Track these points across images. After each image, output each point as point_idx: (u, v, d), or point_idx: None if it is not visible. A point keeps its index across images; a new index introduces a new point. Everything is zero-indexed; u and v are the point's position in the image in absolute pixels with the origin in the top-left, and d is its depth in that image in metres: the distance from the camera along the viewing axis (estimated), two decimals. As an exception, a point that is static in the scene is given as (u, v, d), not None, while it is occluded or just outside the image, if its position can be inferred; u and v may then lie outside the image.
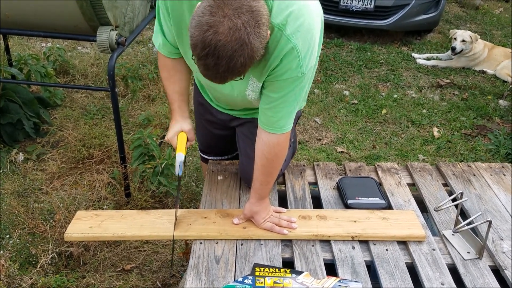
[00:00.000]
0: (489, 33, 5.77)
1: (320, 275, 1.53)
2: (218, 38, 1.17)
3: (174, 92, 1.74)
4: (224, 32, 1.17)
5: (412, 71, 4.68)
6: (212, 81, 1.30)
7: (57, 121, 3.37)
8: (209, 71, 1.25)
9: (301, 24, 1.36)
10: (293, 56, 1.39)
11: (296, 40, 1.37)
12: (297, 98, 1.51)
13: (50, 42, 4.72)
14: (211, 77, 1.29)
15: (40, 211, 2.49)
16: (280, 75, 1.44)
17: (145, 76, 3.86)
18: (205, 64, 1.23)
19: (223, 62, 1.21)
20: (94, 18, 2.29)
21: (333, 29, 5.41)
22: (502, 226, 1.78)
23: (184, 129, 1.74)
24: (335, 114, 3.78)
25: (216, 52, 1.19)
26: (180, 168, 1.64)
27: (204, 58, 1.22)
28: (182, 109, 1.76)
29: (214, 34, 1.17)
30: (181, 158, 1.65)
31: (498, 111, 3.96)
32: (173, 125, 1.75)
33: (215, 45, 1.18)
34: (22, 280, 2.08)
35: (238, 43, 1.18)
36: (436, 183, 2.03)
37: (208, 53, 1.20)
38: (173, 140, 1.72)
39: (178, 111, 1.75)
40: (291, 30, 1.36)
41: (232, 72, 1.24)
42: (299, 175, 2.06)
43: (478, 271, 1.58)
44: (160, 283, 2.19)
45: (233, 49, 1.19)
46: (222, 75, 1.25)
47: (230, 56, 1.19)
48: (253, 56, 1.24)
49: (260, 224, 1.69)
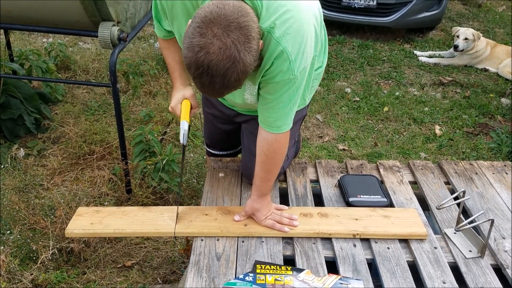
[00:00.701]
0: (492, 31, 5.75)
1: (321, 273, 1.53)
2: (210, 58, 1.21)
3: (174, 60, 1.76)
4: (215, 52, 1.21)
5: (414, 69, 4.67)
6: (211, 97, 1.35)
7: (58, 117, 3.37)
8: (205, 88, 1.29)
9: (290, 26, 1.37)
10: (283, 59, 1.39)
11: (285, 43, 1.37)
12: (292, 99, 1.51)
13: (52, 38, 4.71)
14: (208, 94, 1.34)
15: (41, 207, 2.49)
16: (272, 78, 1.45)
17: (147, 72, 3.85)
18: (201, 83, 1.27)
19: (217, 80, 1.24)
20: (96, 13, 2.28)
21: (335, 26, 5.39)
22: (504, 225, 1.78)
23: (187, 95, 1.74)
24: (336, 112, 3.77)
25: (210, 71, 1.23)
26: (185, 136, 1.62)
27: (199, 77, 1.25)
28: (183, 76, 1.77)
29: (205, 54, 1.21)
30: (185, 126, 1.63)
31: (500, 109, 3.94)
32: (176, 93, 1.75)
33: (208, 65, 1.22)
34: (22, 276, 2.07)
35: (230, 61, 1.22)
36: (438, 181, 2.02)
37: (202, 73, 1.24)
38: (177, 108, 1.72)
39: (179, 79, 1.76)
40: (280, 33, 1.36)
41: (228, 87, 1.28)
42: (301, 172, 2.05)
43: (479, 270, 1.57)
44: (161, 280, 2.19)
45: (225, 67, 1.22)
46: (218, 91, 1.30)
47: (223, 74, 1.23)
48: (246, 71, 1.27)
49: (261, 221, 1.68)
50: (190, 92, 1.75)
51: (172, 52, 1.75)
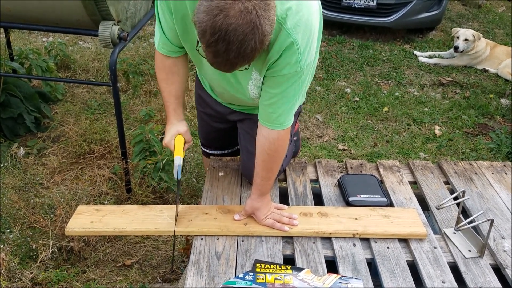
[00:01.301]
0: (492, 31, 5.76)
1: (321, 272, 1.53)
2: (229, 21, 1.14)
3: (170, 94, 1.73)
4: (235, 15, 1.14)
5: (414, 69, 4.67)
6: (220, 69, 1.27)
7: (58, 116, 3.37)
8: (219, 57, 1.22)
9: (301, 19, 1.36)
10: (293, 51, 1.38)
11: (296, 35, 1.36)
12: (296, 93, 1.50)
13: (52, 37, 4.70)
14: (220, 64, 1.26)
15: (41, 205, 2.49)
16: (279, 70, 1.43)
17: (147, 72, 3.85)
18: (215, 51, 1.20)
19: (233, 47, 1.18)
20: (96, 12, 2.28)
21: (335, 26, 5.39)
22: (503, 225, 1.78)
23: (180, 131, 1.73)
24: (336, 112, 3.78)
25: (227, 36, 1.16)
26: (179, 171, 1.63)
27: (214, 44, 1.18)
28: (177, 112, 1.76)
29: (224, 17, 1.14)
30: (179, 161, 1.64)
31: (500, 110, 3.95)
32: (169, 128, 1.74)
33: (226, 30, 1.15)
34: (22, 275, 2.08)
35: (250, 26, 1.16)
36: (438, 181, 2.03)
37: (219, 38, 1.16)
38: (171, 144, 1.72)
39: (174, 114, 1.75)
40: (291, 24, 1.35)
41: (242, 57, 1.21)
42: (301, 172, 2.06)
43: (479, 270, 1.57)
44: (161, 279, 2.19)
45: (245, 32, 1.16)
46: (232, 61, 1.22)
47: (241, 40, 1.17)
48: (263, 41, 1.21)
49: (261, 221, 1.69)
50: (184, 127, 1.75)
51: (169, 84, 1.72)
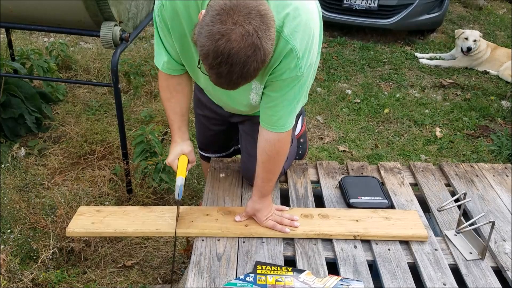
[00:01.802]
0: (492, 33, 5.76)
1: (322, 274, 1.53)
2: (231, 46, 1.17)
3: (174, 113, 1.73)
4: (237, 40, 1.16)
5: (415, 71, 4.67)
6: (223, 88, 1.30)
7: (59, 116, 3.37)
8: (222, 78, 1.24)
9: (298, 24, 1.36)
10: (292, 57, 1.39)
11: (294, 41, 1.37)
12: (296, 96, 1.51)
13: (53, 37, 4.71)
14: (224, 85, 1.28)
15: (42, 206, 2.49)
16: (279, 75, 1.44)
17: (148, 73, 3.86)
18: (218, 73, 1.23)
19: (236, 69, 1.20)
20: (98, 13, 2.29)
21: (336, 28, 5.39)
22: (504, 227, 1.78)
23: (185, 151, 1.73)
24: (337, 113, 3.78)
25: (229, 60, 1.18)
26: (180, 192, 1.63)
27: (217, 67, 1.21)
28: (182, 130, 1.75)
29: (226, 42, 1.17)
30: (181, 182, 1.64)
31: (501, 112, 3.95)
32: (174, 147, 1.74)
33: (228, 53, 1.17)
34: (23, 275, 2.07)
35: (251, 48, 1.18)
36: (439, 183, 2.02)
37: (221, 62, 1.19)
38: (174, 163, 1.72)
39: (178, 133, 1.75)
40: (289, 31, 1.36)
41: (245, 78, 1.24)
42: (302, 173, 2.05)
43: (480, 272, 1.57)
44: (161, 280, 2.19)
45: (247, 55, 1.18)
46: (235, 81, 1.25)
47: (243, 62, 1.19)
48: (265, 60, 1.24)
49: (262, 222, 1.68)
50: (189, 147, 1.75)
51: (173, 103, 1.72)
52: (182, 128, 1.75)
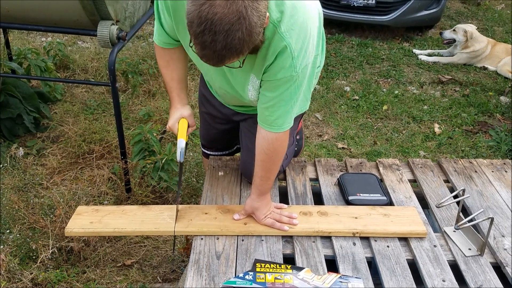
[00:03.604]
0: (491, 29, 5.75)
1: (321, 271, 1.53)
2: (214, 11, 1.14)
3: (172, 79, 1.75)
4: (221, 4, 1.14)
5: (414, 67, 4.67)
6: (209, 63, 1.26)
7: (57, 116, 3.36)
8: (206, 49, 1.21)
9: (295, 22, 1.36)
10: (286, 55, 1.38)
11: (289, 39, 1.36)
12: (293, 97, 1.50)
13: (50, 37, 4.70)
14: (208, 57, 1.24)
15: (41, 206, 2.48)
16: (274, 74, 1.43)
17: (146, 71, 3.85)
18: (202, 42, 1.19)
19: (220, 38, 1.16)
20: (95, 12, 2.28)
21: (334, 25, 5.39)
22: (503, 223, 1.78)
23: (184, 115, 1.75)
24: (336, 110, 3.77)
25: (213, 26, 1.15)
26: (182, 154, 1.64)
27: (200, 35, 1.18)
28: (181, 96, 1.76)
29: (210, 7, 1.14)
30: (182, 144, 1.65)
31: (499, 107, 3.95)
32: (173, 112, 1.76)
33: (212, 19, 1.14)
34: (22, 275, 2.07)
35: (236, 16, 1.15)
36: (438, 180, 2.02)
37: (205, 29, 1.16)
38: (174, 127, 1.73)
39: (177, 99, 1.76)
40: (285, 28, 1.35)
41: (230, 49, 1.20)
42: (300, 171, 2.05)
43: (479, 268, 1.57)
44: (161, 279, 2.19)
45: (230, 22, 1.15)
46: (220, 53, 1.20)
47: (227, 30, 1.15)
48: (251, 32, 1.19)
49: (261, 220, 1.68)
50: (188, 111, 1.76)
51: (170, 70, 1.73)
52: (180, 94, 1.76)
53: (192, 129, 1.79)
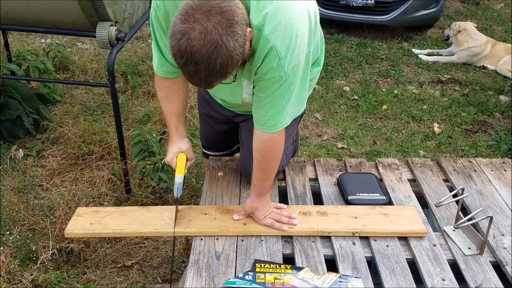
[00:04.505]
0: (490, 28, 5.75)
1: (321, 271, 1.53)
2: (191, 44, 1.19)
3: (171, 113, 1.75)
4: (196, 37, 1.19)
5: (413, 67, 4.67)
6: (200, 88, 1.31)
7: (56, 117, 3.37)
8: (192, 78, 1.27)
9: (279, 23, 1.35)
10: (273, 56, 1.38)
11: (274, 40, 1.36)
12: (284, 97, 1.49)
13: (50, 38, 4.70)
14: (197, 83, 1.30)
15: (40, 207, 2.49)
16: (263, 75, 1.44)
17: (145, 72, 3.85)
18: (187, 72, 1.25)
19: (202, 67, 1.22)
20: (94, 13, 2.28)
21: (334, 25, 5.39)
22: (503, 222, 1.78)
23: (183, 149, 1.75)
24: (335, 110, 3.77)
25: (193, 58, 1.20)
26: (179, 190, 1.64)
27: (184, 66, 1.24)
28: (179, 129, 1.77)
29: (187, 40, 1.19)
30: (179, 179, 1.65)
31: (499, 106, 3.95)
32: (172, 146, 1.76)
33: (191, 51, 1.20)
34: (22, 277, 2.07)
35: (212, 45, 1.19)
36: (437, 179, 2.03)
37: (187, 61, 1.22)
38: (173, 161, 1.74)
39: (175, 132, 1.76)
40: (269, 30, 1.35)
41: (215, 75, 1.25)
42: (300, 171, 2.05)
43: (479, 267, 1.57)
44: (161, 279, 2.19)
45: (208, 52, 1.20)
46: (206, 79, 1.26)
47: (207, 59, 1.21)
48: (232, 56, 1.23)
49: (261, 220, 1.68)
50: (187, 145, 1.77)
51: (169, 104, 1.74)
52: (179, 127, 1.77)
53: (191, 163, 1.79)
